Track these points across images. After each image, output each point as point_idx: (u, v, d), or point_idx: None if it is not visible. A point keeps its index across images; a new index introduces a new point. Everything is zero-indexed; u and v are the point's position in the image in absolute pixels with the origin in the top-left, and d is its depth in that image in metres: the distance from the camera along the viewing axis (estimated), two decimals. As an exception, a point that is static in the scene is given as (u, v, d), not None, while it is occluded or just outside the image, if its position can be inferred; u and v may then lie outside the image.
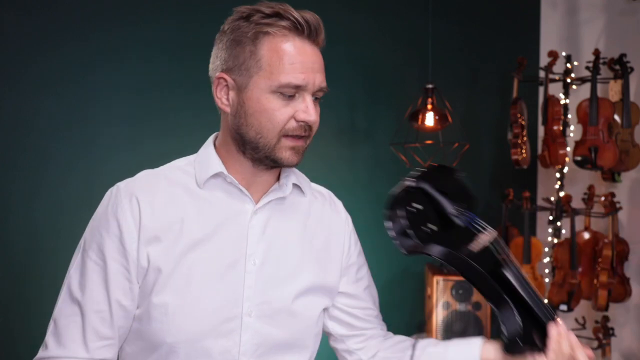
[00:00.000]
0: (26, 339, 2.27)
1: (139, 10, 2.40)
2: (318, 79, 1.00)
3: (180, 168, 1.07)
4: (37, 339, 2.46)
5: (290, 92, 0.98)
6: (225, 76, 1.00)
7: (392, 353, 1.19)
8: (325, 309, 1.15)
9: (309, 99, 0.99)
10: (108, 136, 2.36)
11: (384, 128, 2.83)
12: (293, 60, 0.97)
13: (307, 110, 0.98)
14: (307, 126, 1.00)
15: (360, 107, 2.87)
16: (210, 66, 1.05)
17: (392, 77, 2.92)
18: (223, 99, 1.02)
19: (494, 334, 2.91)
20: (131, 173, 1.11)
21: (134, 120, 2.39)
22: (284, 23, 0.97)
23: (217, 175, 1.04)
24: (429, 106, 2.55)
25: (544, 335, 0.98)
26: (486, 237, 1.03)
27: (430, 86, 2.57)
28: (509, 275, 0.99)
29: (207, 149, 1.08)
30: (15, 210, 2.25)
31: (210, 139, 1.11)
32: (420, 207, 1.01)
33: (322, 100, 1.05)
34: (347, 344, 1.19)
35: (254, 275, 1.03)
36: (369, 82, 2.88)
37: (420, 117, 2.54)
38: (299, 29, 0.98)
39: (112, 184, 1.07)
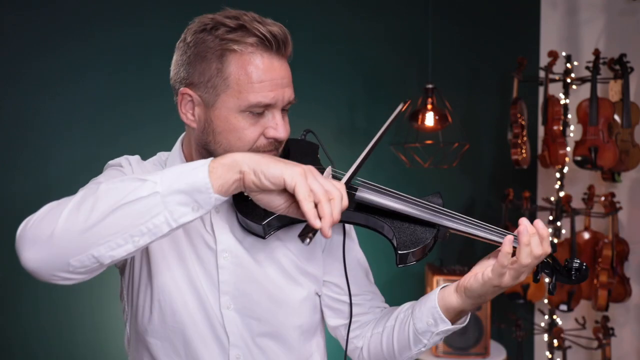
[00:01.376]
0: (26, 339, 2.27)
1: (139, 10, 2.40)
2: (287, 94, 0.98)
3: (161, 163, 1.11)
4: (35, 336, 2.46)
5: (259, 110, 0.96)
6: (190, 92, 0.98)
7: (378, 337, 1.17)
8: (311, 299, 1.12)
9: (278, 116, 0.98)
10: (108, 136, 2.36)
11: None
12: (262, 78, 0.94)
13: (277, 127, 0.97)
14: (277, 142, 0.99)
15: (360, 107, 2.87)
16: (172, 74, 1.04)
17: (392, 77, 2.92)
18: (188, 114, 1.01)
19: (494, 334, 2.91)
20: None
21: (134, 120, 2.39)
22: (250, 40, 0.93)
23: None
24: (429, 106, 2.55)
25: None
26: (325, 174, 0.99)
27: (430, 86, 2.57)
28: (363, 196, 0.97)
29: (176, 149, 1.10)
30: (15, 210, 2.25)
31: (178, 142, 1.12)
32: (246, 193, 1.01)
33: (322, 100, 1.05)
34: (342, 333, 1.17)
35: (227, 270, 1.03)
36: (369, 82, 2.88)
37: (420, 117, 2.54)
38: (266, 45, 0.95)
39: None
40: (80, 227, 0.77)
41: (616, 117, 2.68)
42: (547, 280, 1.00)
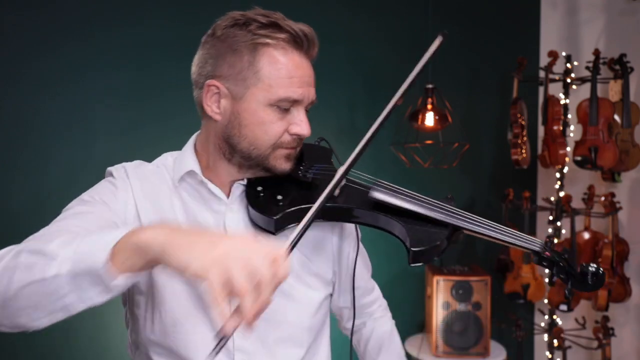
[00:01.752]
0: (31, 340, 2.27)
1: (139, 10, 2.40)
2: (312, 93, 1.01)
3: (168, 168, 1.08)
4: (38, 337, 2.46)
5: (286, 106, 0.98)
6: (218, 84, 0.98)
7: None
8: (321, 300, 1.12)
9: (303, 113, 1.00)
10: (108, 136, 2.36)
11: (384, 128, 2.81)
12: (292, 74, 0.96)
13: (301, 124, 0.99)
14: (299, 138, 1.01)
15: (360, 107, 2.87)
16: (195, 69, 1.03)
17: (392, 77, 2.90)
18: (213, 106, 1.00)
19: (494, 334, 2.91)
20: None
21: (134, 120, 2.39)
22: (282, 35, 0.96)
23: (190, 174, 1.03)
24: (429, 106, 2.55)
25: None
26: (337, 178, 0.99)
27: (430, 86, 2.57)
28: (379, 196, 0.97)
29: (186, 148, 1.08)
30: (15, 210, 2.25)
31: (192, 137, 1.10)
32: (259, 188, 1.01)
33: (322, 100, 1.05)
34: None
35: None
36: (369, 82, 2.88)
37: (420, 117, 2.54)
38: (297, 42, 0.97)
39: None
40: (0, 298, 0.75)
41: (616, 117, 2.68)
42: (564, 288, 1.01)
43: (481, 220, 0.99)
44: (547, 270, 0.99)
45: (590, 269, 0.96)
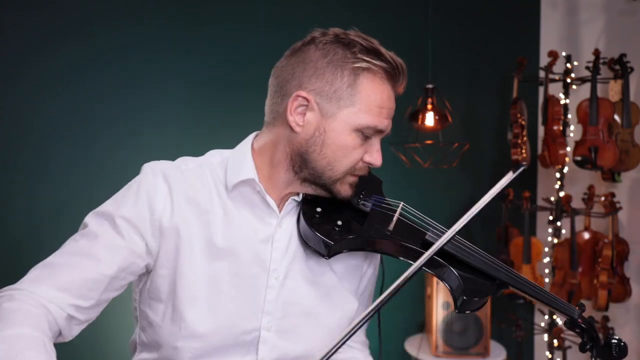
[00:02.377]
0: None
1: (139, 11, 2.40)
2: (390, 126, 1.02)
3: (213, 167, 1.04)
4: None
5: (370, 134, 0.98)
6: (309, 96, 0.97)
7: None
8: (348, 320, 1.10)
9: (379, 144, 1.01)
10: (108, 136, 2.36)
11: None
12: (384, 104, 0.98)
13: (377, 154, 1.00)
14: (368, 168, 1.02)
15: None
16: (280, 72, 1.01)
17: (392, 77, 2.91)
18: (298, 117, 0.98)
19: (494, 334, 2.91)
20: (131, 173, 1.11)
21: (133, 120, 2.39)
22: (384, 65, 0.98)
23: (248, 182, 1.00)
24: (429, 106, 2.55)
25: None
26: (396, 211, 1.03)
27: (430, 86, 2.57)
28: (433, 238, 0.99)
29: (243, 151, 1.04)
30: (15, 210, 2.25)
31: (249, 139, 1.07)
32: (319, 209, 1.02)
33: None
34: None
35: (276, 291, 1.01)
36: (369, 82, 2.88)
37: (420, 117, 2.54)
38: (394, 74, 0.99)
39: (112, 184, 1.07)
40: None
41: (616, 117, 2.68)
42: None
43: (525, 280, 1.02)
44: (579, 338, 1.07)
45: (614, 341, 1.01)
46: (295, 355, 1.03)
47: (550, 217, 2.82)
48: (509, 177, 0.96)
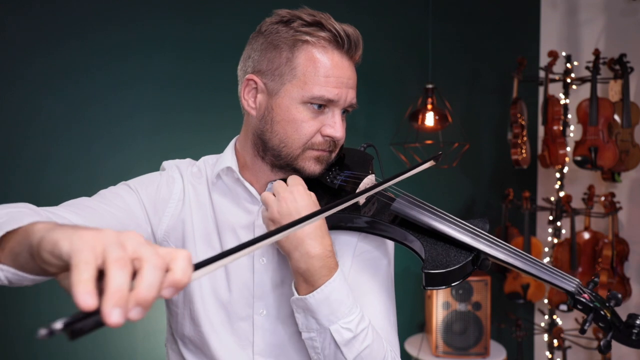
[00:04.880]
0: (25, 339, 2.27)
1: (139, 10, 2.40)
2: (350, 95, 0.99)
3: (208, 165, 1.10)
4: (35, 340, 2.45)
5: (321, 103, 0.96)
6: (256, 78, 0.98)
7: None
8: None
9: (337, 115, 0.99)
10: (108, 136, 2.36)
11: (384, 128, 2.83)
12: (329, 73, 0.95)
13: (334, 125, 0.98)
14: (332, 141, 0.99)
15: (360, 107, 2.86)
16: (240, 65, 1.04)
17: (392, 77, 2.92)
18: (250, 101, 1.00)
19: (494, 334, 2.91)
20: (131, 172, 1.12)
21: (133, 119, 2.39)
22: (324, 34, 0.95)
23: (227, 172, 1.04)
24: (429, 106, 2.55)
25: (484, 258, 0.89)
26: (363, 184, 0.99)
27: (430, 86, 2.57)
28: (399, 208, 0.93)
29: (227, 148, 1.09)
30: (15, 210, 2.25)
31: (233, 140, 1.11)
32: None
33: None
34: None
35: (262, 275, 1.02)
36: (369, 82, 2.88)
37: (420, 117, 2.55)
38: (338, 42, 0.96)
39: (112, 183, 1.07)
40: None
41: (616, 117, 2.68)
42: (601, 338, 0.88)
43: (512, 248, 0.90)
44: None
45: (639, 322, 0.85)
46: (288, 337, 1.03)
47: (550, 217, 2.82)
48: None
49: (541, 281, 0.90)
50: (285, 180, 0.98)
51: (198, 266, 0.52)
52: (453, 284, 0.86)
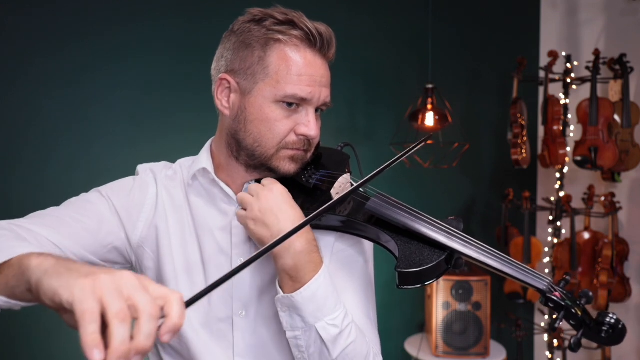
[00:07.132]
0: (25, 340, 2.27)
1: (139, 10, 2.40)
2: (324, 94, 0.98)
3: (183, 168, 1.09)
4: (35, 338, 2.46)
5: (294, 102, 0.95)
6: (229, 78, 0.98)
7: None
8: None
9: (311, 114, 0.97)
10: (108, 136, 2.36)
11: (384, 128, 2.83)
12: (301, 72, 0.94)
13: (308, 124, 0.96)
14: (307, 141, 0.98)
15: (360, 107, 2.87)
16: (214, 65, 1.03)
17: (392, 77, 2.92)
18: (223, 100, 1.00)
19: (494, 334, 2.91)
20: (131, 172, 1.12)
21: (133, 119, 2.39)
22: (296, 32, 0.94)
23: (203, 173, 1.03)
24: (429, 106, 2.55)
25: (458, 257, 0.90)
26: (339, 183, 0.98)
27: (430, 86, 2.57)
28: (372, 207, 0.92)
29: (202, 150, 1.09)
30: (15, 210, 2.25)
31: (208, 142, 1.10)
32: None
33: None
34: None
35: (240, 276, 1.01)
36: (369, 82, 2.88)
37: (420, 117, 2.54)
38: (311, 41, 0.95)
39: (112, 184, 1.07)
40: None
41: (616, 117, 2.68)
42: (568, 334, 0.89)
43: (485, 247, 0.90)
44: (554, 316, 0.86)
45: (608, 319, 0.84)
46: (269, 338, 1.02)
47: (550, 217, 2.82)
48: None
49: (514, 279, 0.91)
50: (259, 182, 0.98)
51: (190, 303, 0.57)
52: (427, 283, 0.86)
